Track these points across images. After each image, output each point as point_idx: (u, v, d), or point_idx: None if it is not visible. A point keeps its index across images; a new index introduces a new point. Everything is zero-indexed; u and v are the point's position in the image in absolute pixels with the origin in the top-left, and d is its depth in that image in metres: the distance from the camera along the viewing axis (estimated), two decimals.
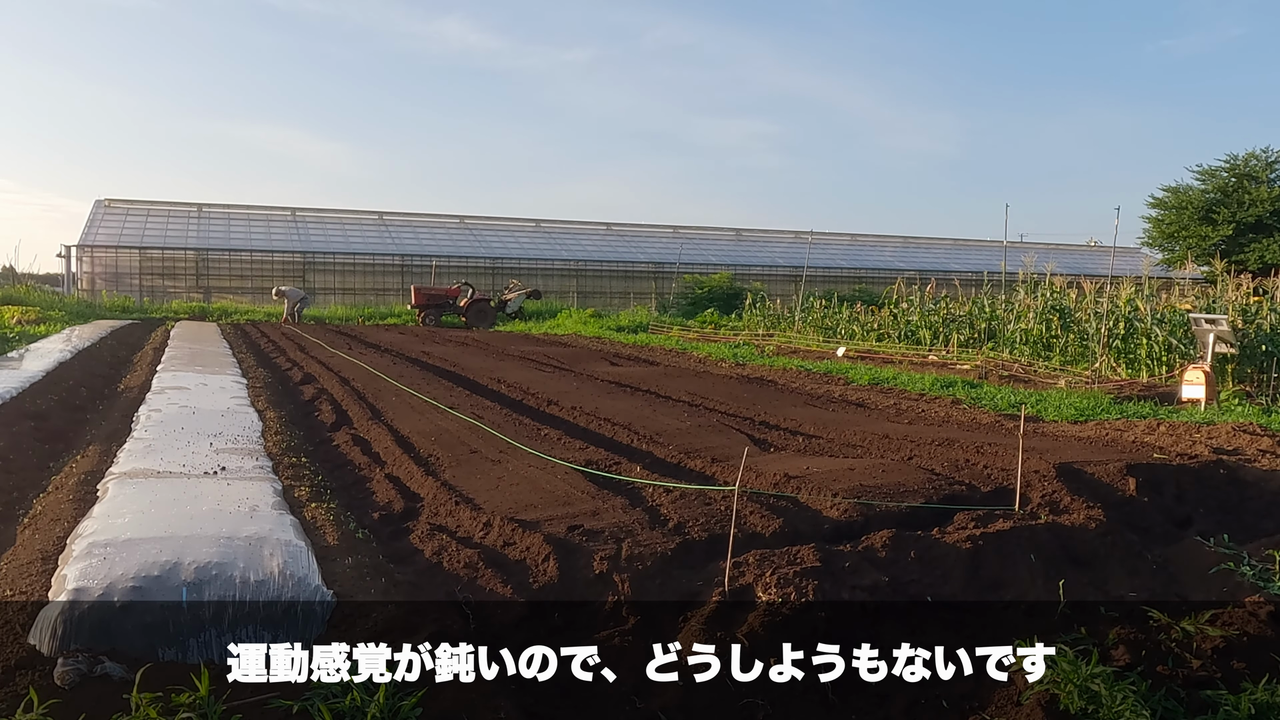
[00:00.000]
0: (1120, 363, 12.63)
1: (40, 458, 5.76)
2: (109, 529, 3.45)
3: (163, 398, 7.69)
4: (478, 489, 4.69)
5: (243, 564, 3.08)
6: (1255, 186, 34.56)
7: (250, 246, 33.02)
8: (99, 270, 30.82)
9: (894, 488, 4.44)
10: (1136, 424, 7.10)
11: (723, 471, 5.18)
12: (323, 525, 3.99)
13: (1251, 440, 6.24)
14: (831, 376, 11.37)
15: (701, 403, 8.21)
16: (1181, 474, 4.72)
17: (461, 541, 3.81)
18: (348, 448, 6.14)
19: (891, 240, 47.21)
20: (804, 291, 24.07)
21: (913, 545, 3.52)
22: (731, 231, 43.90)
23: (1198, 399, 8.85)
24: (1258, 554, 3.70)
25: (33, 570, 3.27)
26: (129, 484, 4.35)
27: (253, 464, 5.08)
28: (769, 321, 23.05)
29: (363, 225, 37.49)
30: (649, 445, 6.11)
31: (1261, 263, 31.78)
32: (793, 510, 4.12)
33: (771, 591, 3.03)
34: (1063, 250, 44.08)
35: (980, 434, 6.51)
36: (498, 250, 36.14)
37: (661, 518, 4.01)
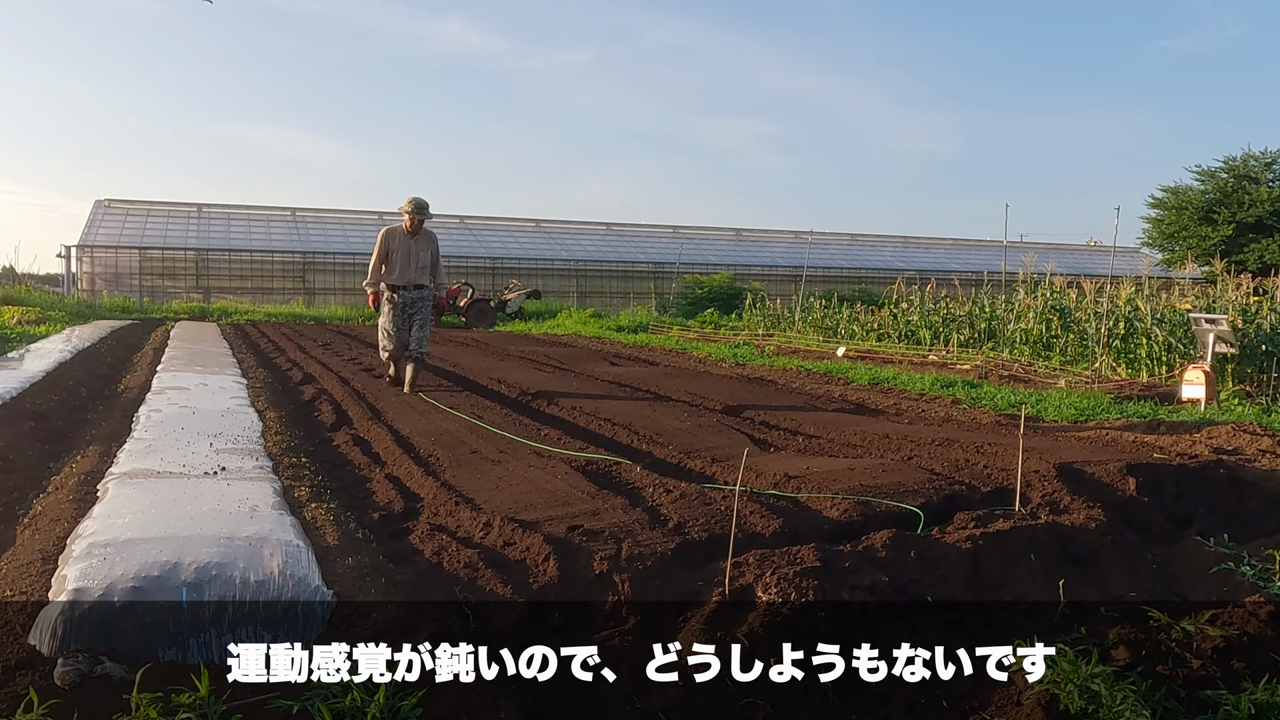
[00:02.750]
0: (1120, 363, 12.63)
1: (40, 458, 5.76)
2: (109, 529, 3.45)
3: (163, 398, 7.69)
4: (478, 489, 4.69)
5: (243, 564, 3.08)
6: (1255, 187, 34.57)
7: (250, 246, 33.01)
8: (99, 270, 30.82)
9: (894, 487, 4.44)
10: (1136, 424, 7.09)
11: (723, 471, 5.18)
12: (323, 525, 3.99)
13: (1251, 440, 6.24)
14: (831, 376, 11.37)
15: (701, 403, 8.21)
16: (1181, 474, 4.71)
17: (461, 542, 3.81)
18: (348, 448, 6.14)
19: (891, 240, 47.20)
20: (804, 291, 24.07)
21: (913, 545, 3.52)
22: (731, 231, 43.90)
23: (1198, 399, 8.85)
24: (1258, 554, 3.70)
25: (33, 570, 3.27)
26: (129, 484, 4.35)
27: (253, 464, 5.08)
28: (769, 321, 23.05)
29: (363, 225, 37.47)
30: (649, 445, 6.11)
31: (1261, 263, 31.79)
32: (793, 510, 4.12)
33: (771, 591, 3.03)
34: (1063, 250, 44.07)
35: (980, 434, 6.50)
36: (498, 250, 36.13)
37: (661, 518, 4.01)
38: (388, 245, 8.46)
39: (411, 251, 8.46)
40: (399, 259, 8.46)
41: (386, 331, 8.58)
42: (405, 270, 8.46)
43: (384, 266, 8.52)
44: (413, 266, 8.48)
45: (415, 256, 8.48)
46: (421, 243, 8.53)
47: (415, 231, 8.44)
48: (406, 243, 8.46)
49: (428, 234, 8.59)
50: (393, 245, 8.46)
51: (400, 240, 8.47)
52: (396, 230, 8.50)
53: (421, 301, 8.58)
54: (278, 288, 32.40)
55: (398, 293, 8.50)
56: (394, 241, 8.46)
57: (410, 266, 8.47)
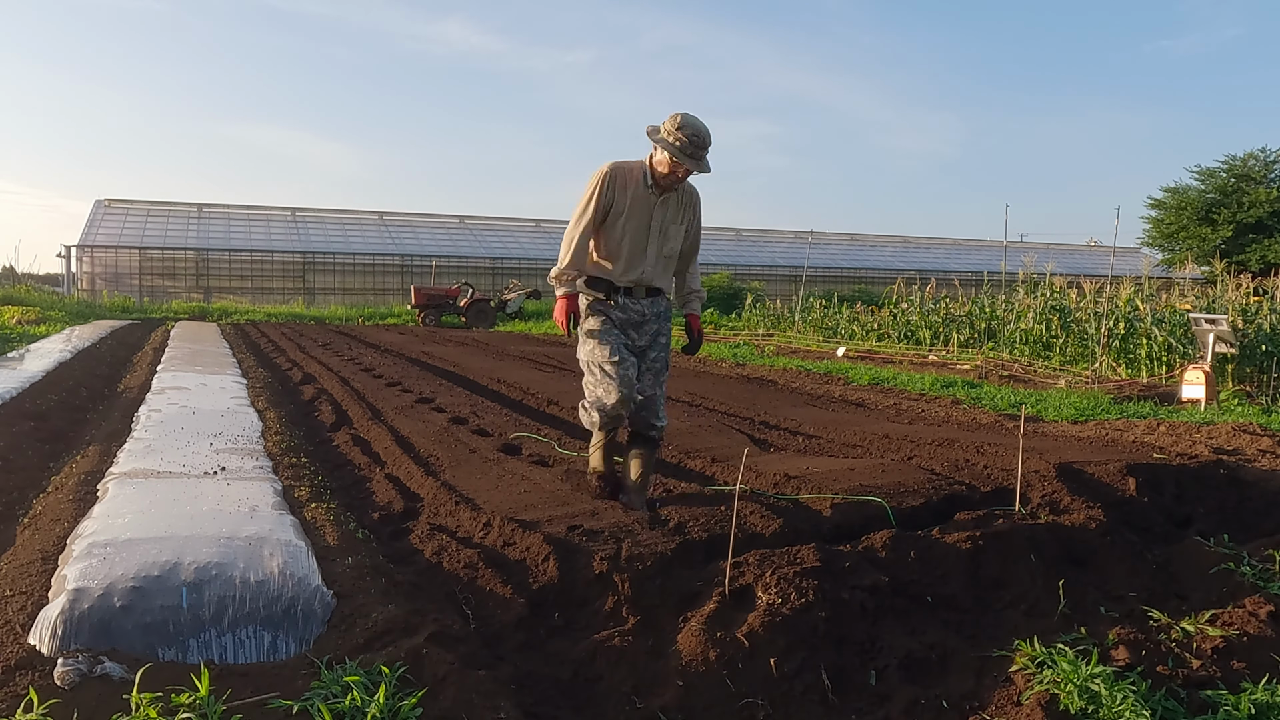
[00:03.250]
0: (1120, 363, 12.63)
1: (40, 458, 5.76)
2: (109, 529, 3.45)
3: (163, 398, 7.69)
4: (477, 489, 4.69)
5: (243, 564, 3.08)
6: (1255, 187, 34.60)
7: (250, 246, 33.03)
8: (99, 270, 30.84)
9: (894, 487, 4.44)
10: (1136, 424, 7.10)
11: (723, 471, 5.18)
12: (323, 525, 3.99)
13: (1251, 440, 6.24)
14: (831, 376, 11.37)
15: (701, 403, 8.21)
16: (1181, 474, 4.71)
17: (461, 541, 3.81)
18: (348, 448, 6.14)
19: (891, 240, 47.22)
20: (804, 291, 24.09)
21: (913, 545, 3.52)
22: (731, 231, 43.91)
23: (1198, 399, 8.85)
24: (1258, 554, 3.70)
25: (32, 570, 3.27)
26: (129, 484, 4.35)
27: (253, 464, 5.08)
28: (769, 321, 23.06)
29: (363, 225, 37.50)
30: None
31: (1262, 263, 31.81)
32: (793, 510, 4.12)
33: (772, 591, 3.04)
34: (1063, 250, 44.09)
35: (980, 434, 6.51)
36: (498, 250, 36.15)
37: (661, 518, 4.00)
38: (611, 201, 4.22)
39: (657, 223, 4.30)
40: (631, 232, 4.25)
41: (603, 369, 4.25)
42: (642, 257, 4.30)
43: (597, 242, 4.33)
44: (655, 252, 4.33)
45: (663, 233, 4.33)
46: (675, 209, 4.35)
47: (669, 188, 4.23)
48: (649, 204, 4.25)
49: (689, 193, 4.39)
50: (623, 203, 4.23)
51: (639, 197, 4.23)
52: (633, 174, 4.23)
53: (661, 321, 4.47)
54: (278, 288, 32.42)
55: (622, 300, 4.33)
56: (626, 196, 4.23)
57: (653, 251, 4.32)
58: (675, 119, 4.03)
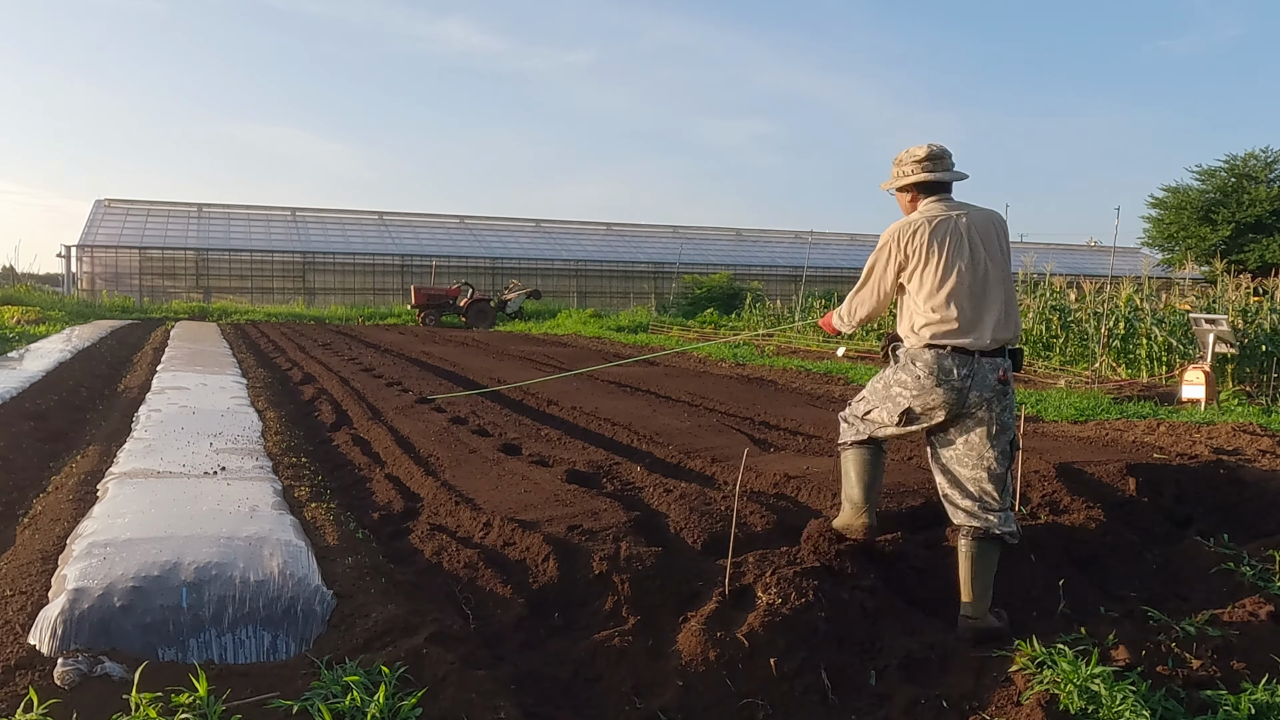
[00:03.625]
0: (1120, 363, 12.63)
1: (40, 458, 5.76)
2: (109, 529, 3.45)
3: (163, 398, 7.69)
4: (477, 489, 4.69)
5: (242, 564, 3.08)
6: (1254, 186, 34.58)
7: (250, 246, 33.00)
8: (99, 270, 30.81)
9: (894, 487, 4.44)
10: (1136, 424, 7.09)
11: (723, 471, 5.18)
12: (323, 525, 3.99)
13: (1251, 440, 6.24)
14: (831, 377, 11.37)
15: (701, 403, 8.21)
16: (1181, 474, 4.71)
17: (461, 541, 3.81)
18: (347, 448, 6.14)
19: None
20: (804, 291, 24.08)
21: (912, 545, 3.51)
22: (731, 231, 43.88)
23: (1198, 399, 8.84)
24: (1258, 554, 3.70)
25: (33, 570, 3.27)
26: (129, 484, 4.35)
27: (253, 464, 5.08)
28: (769, 321, 23.06)
29: (363, 225, 37.47)
30: (649, 445, 6.11)
31: (1261, 263, 31.78)
32: (793, 510, 4.12)
33: (771, 592, 3.03)
34: (1063, 250, 44.07)
35: None
36: (498, 250, 36.13)
37: (662, 517, 4.00)
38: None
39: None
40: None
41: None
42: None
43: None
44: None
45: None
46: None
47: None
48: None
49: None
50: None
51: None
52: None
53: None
54: (278, 288, 32.39)
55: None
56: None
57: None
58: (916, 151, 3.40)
